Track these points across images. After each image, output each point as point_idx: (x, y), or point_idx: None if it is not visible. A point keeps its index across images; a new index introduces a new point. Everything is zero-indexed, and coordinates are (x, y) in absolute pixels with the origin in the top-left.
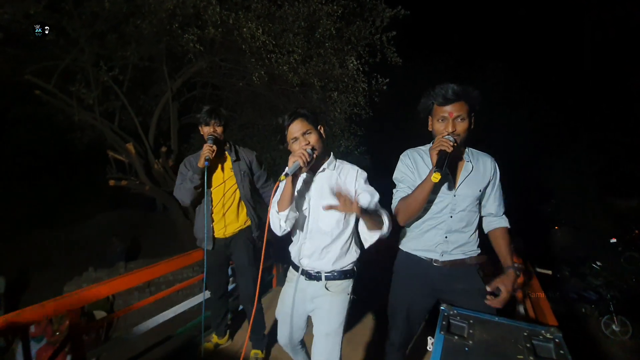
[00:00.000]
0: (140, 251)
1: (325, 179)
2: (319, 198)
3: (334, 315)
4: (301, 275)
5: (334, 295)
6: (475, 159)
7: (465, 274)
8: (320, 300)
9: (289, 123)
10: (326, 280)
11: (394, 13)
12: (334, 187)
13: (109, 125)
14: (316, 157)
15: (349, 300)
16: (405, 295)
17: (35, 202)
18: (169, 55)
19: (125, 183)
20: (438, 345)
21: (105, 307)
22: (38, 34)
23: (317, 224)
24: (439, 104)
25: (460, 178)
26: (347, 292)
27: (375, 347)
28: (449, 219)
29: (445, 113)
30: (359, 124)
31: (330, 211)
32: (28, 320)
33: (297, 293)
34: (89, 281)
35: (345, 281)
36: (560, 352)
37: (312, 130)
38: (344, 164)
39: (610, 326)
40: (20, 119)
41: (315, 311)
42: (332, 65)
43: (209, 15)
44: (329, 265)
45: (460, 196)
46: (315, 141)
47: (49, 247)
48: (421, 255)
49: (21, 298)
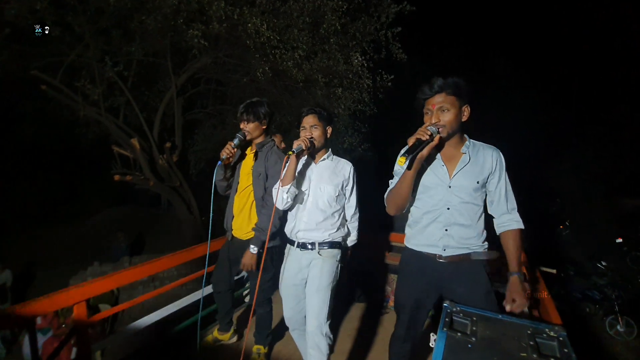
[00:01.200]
0: (144, 246)
1: (325, 167)
2: (319, 181)
3: (325, 274)
4: (296, 247)
5: (325, 259)
6: (475, 150)
7: (471, 270)
8: (313, 263)
9: (305, 114)
10: (319, 247)
11: (400, 9)
12: (331, 173)
13: (113, 121)
14: (316, 147)
15: (338, 266)
16: (410, 291)
17: (41, 197)
18: (173, 51)
19: (129, 178)
20: (441, 342)
21: (110, 301)
22: (38, 33)
23: (316, 202)
24: (424, 99)
25: (456, 169)
26: (336, 259)
27: (378, 342)
28: (446, 211)
29: (429, 105)
30: (363, 120)
31: (326, 192)
32: (35, 312)
33: (294, 264)
34: (94, 275)
35: (335, 250)
36: (564, 350)
37: (319, 126)
38: (340, 159)
39: (615, 326)
40: (26, 115)
41: (310, 274)
42: (336, 61)
43: (214, 11)
44: (322, 236)
45: (456, 187)
46: (317, 135)
47: (54, 241)
48: (425, 250)
49: (27, 291)
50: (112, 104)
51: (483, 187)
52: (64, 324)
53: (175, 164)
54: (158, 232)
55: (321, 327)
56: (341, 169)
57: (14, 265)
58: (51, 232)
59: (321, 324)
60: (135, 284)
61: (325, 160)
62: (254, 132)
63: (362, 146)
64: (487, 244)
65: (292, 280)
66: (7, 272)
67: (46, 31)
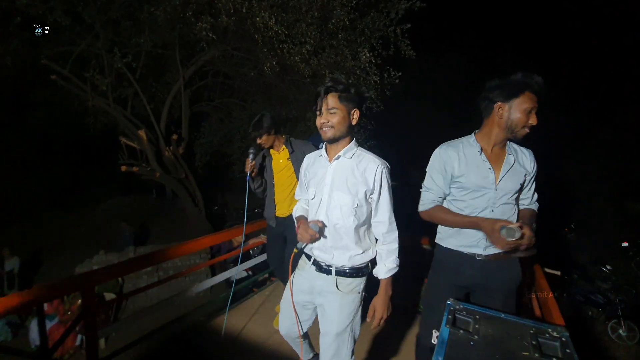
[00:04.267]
0: (149, 237)
1: (341, 167)
2: (332, 186)
3: (345, 315)
4: (312, 265)
5: (344, 295)
6: (516, 152)
7: (508, 267)
8: (330, 297)
9: (322, 95)
10: (337, 275)
11: (410, 5)
12: (349, 176)
13: (121, 112)
14: (332, 139)
15: (361, 298)
16: (442, 292)
17: (49, 185)
18: (181, 43)
19: (136, 169)
20: (443, 339)
21: (115, 290)
22: (38, 34)
23: (328, 215)
24: (532, 92)
25: (502, 171)
26: (358, 291)
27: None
28: (490, 213)
29: (531, 104)
30: (370, 117)
31: (339, 204)
32: (43, 297)
33: (306, 283)
34: (100, 264)
35: (357, 279)
36: (567, 350)
37: (341, 110)
38: (366, 154)
39: (617, 330)
40: (36, 103)
41: (325, 308)
42: (344, 57)
43: (223, 4)
44: (340, 259)
45: (502, 190)
46: (337, 122)
47: (61, 229)
48: (463, 250)
49: (34, 278)
50: (120, 95)
51: (522, 188)
52: (70, 310)
53: (182, 156)
54: (163, 223)
55: None
56: (363, 171)
57: (21, 252)
58: (58, 220)
59: None
60: (140, 273)
61: (341, 157)
62: (268, 142)
63: (368, 143)
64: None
65: (300, 299)
66: (15, 258)
67: (46, 31)
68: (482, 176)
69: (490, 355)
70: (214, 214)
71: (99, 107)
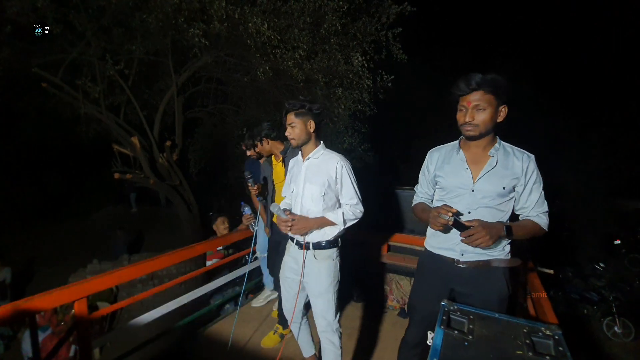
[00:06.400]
0: (143, 244)
1: (311, 165)
2: (305, 180)
3: (323, 277)
4: (294, 245)
5: (321, 261)
6: (505, 154)
7: (490, 276)
8: (310, 267)
9: (284, 114)
10: (314, 249)
11: (400, 9)
12: (316, 171)
13: (114, 119)
14: (298, 145)
15: (336, 264)
16: (425, 295)
17: (41, 194)
18: (174, 50)
19: (130, 176)
20: (438, 340)
21: (109, 299)
22: (38, 33)
23: (303, 202)
24: (459, 95)
25: (481, 173)
26: (332, 258)
27: (378, 341)
28: (467, 214)
29: (464, 102)
30: (363, 120)
31: (310, 193)
32: (36, 308)
33: (292, 260)
34: (93, 273)
35: (330, 250)
36: (559, 348)
37: (298, 123)
38: (330, 153)
39: (612, 328)
40: (27, 112)
41: (310, 277)
42: (337, 61)
43: (215, 10)
44: (314, 237)
45: (479, 191)
46: (297, 134)
47: (54, 239)
48: (442, 253)
49: (27, 289)
50: (112, 102)
51: (510, 194)
52: (63, 321)
53: (176, 162)
54: (157, 230)
55: (331, 325)
56: (326, 166)
57: (13, 262)
58: (51, 230)
59: (330, 322)
60: (134, 281)
61: (311, 158)
62: (265, 150)
63: (362, 146)
64: (509, 248)
65: (290, 275)
66: (6, 269)
67: (46, 31)
68: (458, 176)
69: (484, 355)
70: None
71: (91, 115)
